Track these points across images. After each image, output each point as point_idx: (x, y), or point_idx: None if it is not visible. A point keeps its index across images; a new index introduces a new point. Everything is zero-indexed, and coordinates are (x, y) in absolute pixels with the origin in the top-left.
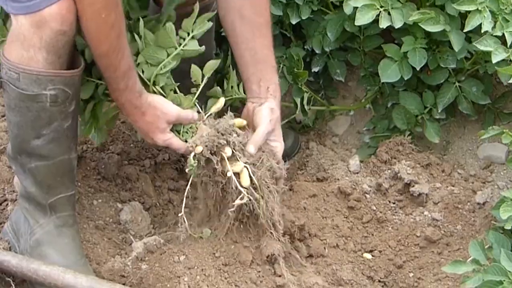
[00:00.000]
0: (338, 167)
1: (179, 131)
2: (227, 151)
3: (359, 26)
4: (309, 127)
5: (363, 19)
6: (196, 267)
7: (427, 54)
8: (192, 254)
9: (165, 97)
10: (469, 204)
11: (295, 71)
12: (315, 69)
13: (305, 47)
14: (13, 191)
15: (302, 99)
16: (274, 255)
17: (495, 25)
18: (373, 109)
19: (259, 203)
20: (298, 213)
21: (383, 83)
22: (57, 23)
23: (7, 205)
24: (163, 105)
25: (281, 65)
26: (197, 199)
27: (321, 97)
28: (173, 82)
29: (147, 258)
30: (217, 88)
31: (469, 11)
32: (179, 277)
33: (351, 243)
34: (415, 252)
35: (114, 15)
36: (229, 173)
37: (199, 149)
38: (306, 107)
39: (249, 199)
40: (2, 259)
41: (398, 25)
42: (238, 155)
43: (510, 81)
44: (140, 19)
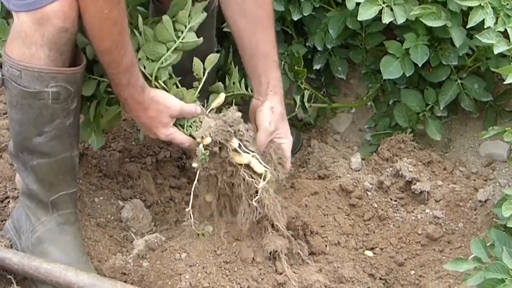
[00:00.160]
0: (339, 165)
1: (183, 125)
2: (234, 142)
3: (361, 23)
4: (310, 124)
5: (366, 14)
6: (197, 265)
7: (429, 51)
8: (193, 251)
9: (167, 92)
10: (470, 201)
11: (295, 68)
12: (317, 67)
13: (306, 44)
14: (15, 188)
15: (302, 97)
16: (276, 252)
17: (496, 21)
18: (374, 106)
19: (267, 195)
20: (299, 210)
21: (384, 81)
22: (59, 20)
23: (9, 202)
24: (165, 100)
25: (283, 62)
26: (199, 196)
27: (323, 95)
28: (174, 76)
29: (148, 255)
30: (219, 83)
31: (471, 7)
32: (180, 274)
33: (352, 241)
34: (417, 249)
35: (116, 11)
36: (246, 159)
37: (208, 140)
38: (306, 105)
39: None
40: (3, 256)
41: (400, 20)
42: (246, 145)
43: (510, 81)
44: (139, 16)
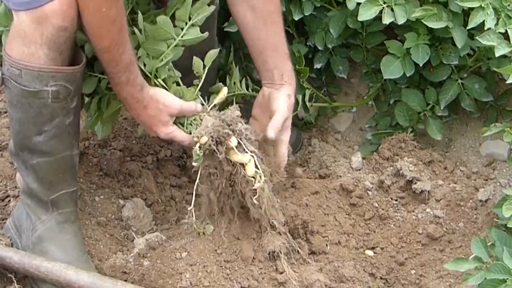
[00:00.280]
0: (340, 164)
1: (183, 124)
2: (233, 141)
3: (362, 22)
4: (311, 123)
5: (366, 14)
6: (198, 264)
7: (430, 50)
8: (194, 250)
9: (167, 90)
10: (471, 201)
11: (297, 67)
12: (318, 66)
13: (307, 44)
14: (15, 187)
15: (303, 96)
16: (275, 252)
17: (497, 22)
18: (375, 106)
19: (264, 193)
20: (300, 210)
21: (385, 80)
22: (58, 19)
23: (9, 201)
24: (165, 98)
25: None
26: (200, 195)
27: (323, 94)
28: (175, 74)
29: (149, 254)
30: (220, 84)
31: (472, 8)
32: (181, 273)
33: (353, 240)
34: (417, 249)
35: (115, 9)
36: (245, 158)
37: (205, 139)
38: (307, 104)
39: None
40: (4, 255)
41: (401, 21)
42: (244, 145)
43: (511, 81)
44: (139, 13)
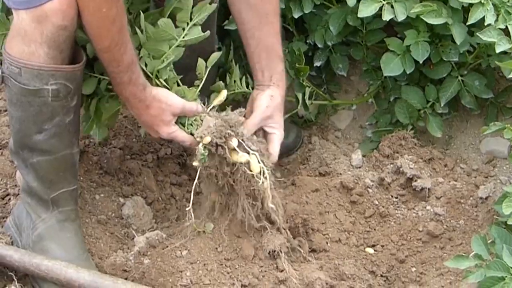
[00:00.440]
0: (340, 162)
1: (184, 124)
2: (234, 142)
3: (362, 20)
4: (311, 121)
5: (366, 11)
6: (198, 262)
7: (430, 47)
8: (194, 248)
9: (169, 90)
10: (471, 198)
11: (297, 66)
12: (318, 64)
13: (307, 42)
14: (16, 185)
15: (303, 94)
16: (275, 251)
17: (497, 18)
18: (375, 103)
19: (266, 193)
20: (300, 207)
21: (385, 77)
22: (58, 18)
23: (10, 199)
24: (167, 98)
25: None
26: (200, 194)
27: (324, 92)
28: (175, 75)
29: (149, 252)
30: (220, 82)
31: (472, 4)
32: (181, 271)
33: (353, 238)
34: (418, 246)
35: (115, 9)
36: (244, 159)
37: (208, 140)
38: (307, 102)
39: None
40: (4, 253)
41: (401, 17)
42: (245, 146)
43: (510, 76)
44: (140, 13)
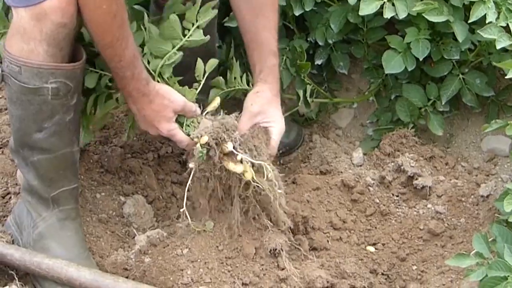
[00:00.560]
0: (341, 160)
1: (182, 124)
2: (229, 146)
3: (363, 18)
4: (312, 119)
5: (367, 9)
6: (199, 260)
7: (431, 45)
8: (195, 247)
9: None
10: (472, 197)
11: (298, 63)
12: (318, 62)
13: (308, 39)
14: (16, 184)
15: (304, 91)
16: (276, 250)
17: (498, 15)
18: (376, 101)
19: (267, 191)
20: (301, 206)
21: (386, 76)
22: (57, 16)
23: (10, 198)
24: (170, 94)
25: (284, 57)
26: (198, 194)
27: (324, 90)
28: (173, 76)
29: (150, 251)
30: (220, 78)
31: (473, 2)
32: (182, 270)
33: (354, 236)
34: (419, 245)
35: (115, 5)
36: (239, 169)
37: (205, 139)
38: (309, 99)
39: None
40: (5, 252)
41: (402, 15)
42: (239, 150)
43: (510, 76)
44: (145, 13)
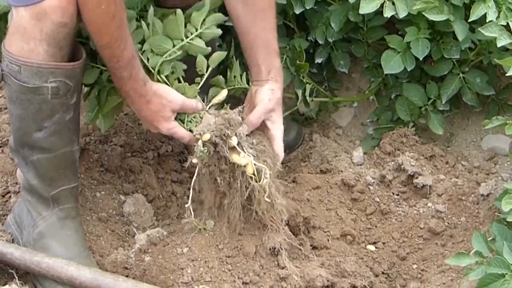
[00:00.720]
0: (341, 159)
1: (183, 121)
2: (234, 141)
3: (363, 17)
4: (312, 119)
5: (368, 7)
6: (199, 259)
7: (431, 45)
8: (195, 246)
9: (169, 86)
10: (473, 195)
11: (297, 62)
12: (319, 61)
13: (308, 38)
14: (16, 183)
15: (304, 91)
16: (276, 249)
17: (499, 14)
18: (376, 100)
19: (265, 192)
20: (301, 205)
21: (386, 75)
22: (57, 15)
23: (10, 197)
24: (168, 94)
25: (284, 56)
26: (200, 191)
27: (325, 89)
28: (178, 70)
29: (150, 250)
30: (220, 76)
31: (473, 1)
32: (182, 269)
33: (354, 235)
34: (419, 244)
35: (114, 5)
36: (244, 161)
37: (207, 137)
38: (308, 99)
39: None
40: (5, 251)
41: (402, 14)
42: (243, 145)
43: (510, 73)
44: (151, 7)
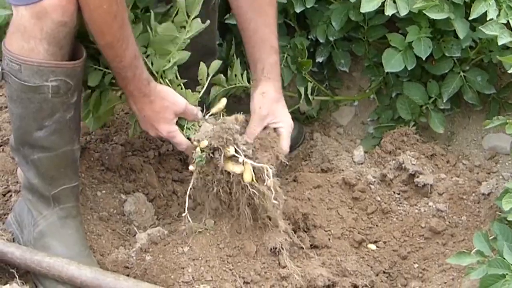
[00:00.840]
0: (342, 158)
1: (182, 127)
2: (231, 150)
3: (364, 15)
4: (313, 117)
5: (368, 6)
6: (200, 258)
7: (432, 43)
8: (196, 245)
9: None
10: (474, 195)
11: (299, 60)
12: (319, 60)
13: (309, 37)
14: (17, 182)
15: (306, 89)
16: (277, 248)
17: (499, 12)
18: (377, 99)
19: (264, 197)
20: (302, 204)
21: (387, 73)
22: (58, 14)
23: (11, 196)
24: (172, 96)
25: (285, 55)
26: (199, 196)
27: (325, 88)
28: (179, 79)
29: (151, 249)
30: (221, 75)
31: None
32: (183, 268)
33: (355, 234)
34: (420, 243)
35: (115, 5)
36: (239, 170)
37: (205, 144)
38: (310, 97)
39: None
40: (6, 250)
41: (403, 13)
42: (241, 152)
43: (511, 71)
44: (151, 12)
